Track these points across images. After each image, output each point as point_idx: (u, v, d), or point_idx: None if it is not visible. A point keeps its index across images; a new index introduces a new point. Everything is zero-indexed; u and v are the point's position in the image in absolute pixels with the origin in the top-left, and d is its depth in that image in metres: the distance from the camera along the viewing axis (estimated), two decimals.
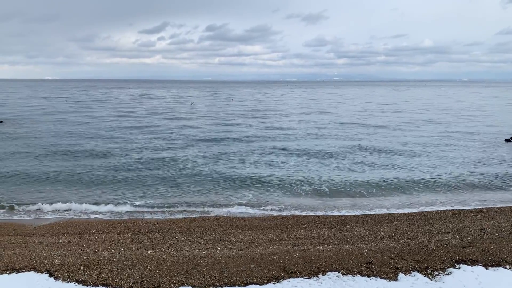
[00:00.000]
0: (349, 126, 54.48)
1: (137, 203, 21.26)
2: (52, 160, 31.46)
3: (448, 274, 10.87)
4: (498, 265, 11.38)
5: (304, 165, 29.79)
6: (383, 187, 24.12)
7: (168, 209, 20.42)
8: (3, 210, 20.24)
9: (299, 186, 24.18)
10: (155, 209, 20.50)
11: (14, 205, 20.73)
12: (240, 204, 21.11)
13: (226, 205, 20.97)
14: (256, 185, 24.41)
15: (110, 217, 19.36)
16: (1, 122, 55.84)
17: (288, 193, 23.07)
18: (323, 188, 23.92)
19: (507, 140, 41.48)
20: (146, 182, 25.14)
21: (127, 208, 20.50)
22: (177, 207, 20.71)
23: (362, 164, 30.17)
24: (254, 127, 52.91)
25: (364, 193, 23.04)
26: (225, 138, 42.86)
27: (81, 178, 26.04)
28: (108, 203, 21.07)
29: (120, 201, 21.42)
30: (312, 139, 42.55)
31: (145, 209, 20.43)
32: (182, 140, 41.64)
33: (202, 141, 41.36)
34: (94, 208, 20.47)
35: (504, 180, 25.64)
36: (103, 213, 19.89)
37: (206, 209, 20.44)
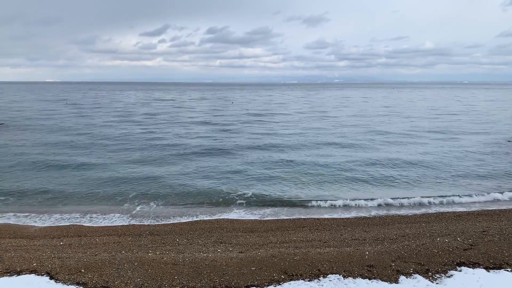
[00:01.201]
0: (353, 131, 54.48)
1: (138, 205, 21.26)
2: (53, 165, 31.49)
3: (449, 277, 10.84)
4: (500, 268, 11.35)
5: (305, 170, 29.79)
6: (383, 187, 24.12)
7: (168, 212, 20.40)
8: (4, 213, 20.23)
9: (299, 188, 24.19)
10: (156, 211, 20.49)
11: (15, 211, 20.72)
12: (241, 207, 21.10)
13: (227, 208, 20.95)
14: (257, 187, 24.39)
15: (111, 220, 19.35)
16: (1, 124, 55.98)
17: (289, 194, 23.05)
18: (324, 192, 23.93)
19: (509, 141, 41.48)
20: (147, 184, 25.15)
21: (129, 214, 20.49)
22: (178, 210, 20.69)
23: (362, 167, 30.15)
24: (254, 130, 52.98)
25: (365, 192, 23.04)
26: (224, 142, 42.89)
27: (81, 181, 26.06)
28: (110, 207, 21.10)
29: (122, 205, 21.44)
30: (313, 145, 42.55)
31: (146, 211, 20.42)
32: (182, 144, 41.67)
33: (202, 144, 41.36)
34: (94, 214, 20.48)
35: (505, 181, 25.60)
36: (103, 215, 19.89)
37: (207, 211, 20.43)
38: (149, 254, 13.28)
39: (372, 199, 22.07)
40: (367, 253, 12.73)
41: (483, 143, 41.25)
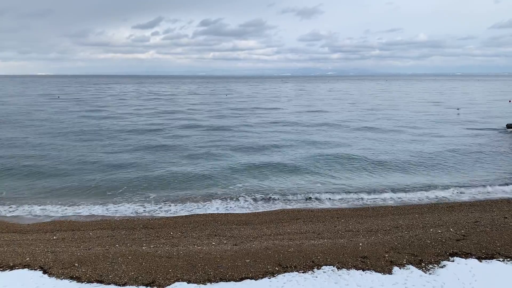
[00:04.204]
0: (345, 126, 54.58)
1: (132, 199, 21.16)
2: (45, 161, 31.26)
3: (442, 267, 10.94)
4: (492, 258, 11.48)
5: (301, 164, 29.83)
6: (379, 178, 24.25)
7: (162, 205, 20.32)
8: None
9: (295, 182, 24.23)
10: (150, 205, 20.40)
11: (8, 206, 20.50)
12: (235, 199, 21.07)
13: (221, 201, 20.90)
14: (251, 181, 24.37)
15: (104, 214, 19.24)
16: None
17: (285, 189, 23.07)
18: (317, 184, 23.99)
19: (499, 133, 41.76)
20: (141, 178, 25.03)
21: (122, 207, 20.37)
22: (172, 203, 20.61)
23: (359, 161, 30.26)
24: (252, 124, 52.92)
25: (361, 187, 23.13)
26: (220, 137, 42.84)
27: (74, 177, 25.88)
28: (103, 202, 20.99)
29: (115, 199, 21.33)
30: (305, 138, 42.59)
31: (139, 205, 20.32)
32: (179, 140, 41.54)
33: (199, 140, 41.24)
34: (88, 206, 20.38)
35: (497, 172, 25.82)
36: (96, 209, 19.77)
37: (201, 204, 20.39)
38: (143, 248, 13.24)
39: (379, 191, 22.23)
40: (360, 244, 12.80)
41: (477, 134, 41.49)
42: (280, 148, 34.39)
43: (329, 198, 21.15)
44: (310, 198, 21.22)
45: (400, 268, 10.92)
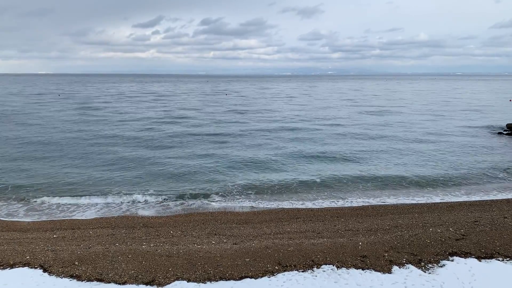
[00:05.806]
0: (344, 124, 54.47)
1: (131, 198, 21.16)
2: (43, 159, 31.29)
3: (441, 267, 10.95)
4: (491, 257, 11.48)
5: (299, 163, 29.83)
6: (377, 180, 24.24)
7: (162, 204, 20.32)
8: None
9: (293, 181, 24.23)
10: (150, 204, 20.40)
11: (7, 205, 20.51)
12: (235, 199, 21.08)
13: (220, 200, 20.91)
14: (249, 179, 24.37)
15: (105, 213, 19.26)
16: None
17: (283, 187, 23.07)
18: (315, 181, 24.00)
19: (499, 133, 41.74)
20: (140, 177, 25.04)
21: (123, 206, 20.38)
22: (172, 202, 20.62)
23: (356, 160, 30.26)
24: (251, 123, 52.87)
25: (359, 187, 23.14)
26: (220, 135, 42.84)
27: (74, 176, 25.89)
28: (103, 200, 21.02)
29: (116, 197, 21.33)
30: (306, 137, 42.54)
31: (139, 204, 20.34)
32: (179, 137, 41.53)
33: (198, 138, 41.24)
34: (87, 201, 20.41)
35: (498, 172, 25.79)
36: (96, 208, 19.77)
37: (201, 203, 20.39)
38: (143, 246, 13.26)
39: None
40: (360, 243, 12.80)
41: (474, 134, 41.45)
42: (281, 156, 34.40)
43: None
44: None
45: (399, 268, 10.93)
